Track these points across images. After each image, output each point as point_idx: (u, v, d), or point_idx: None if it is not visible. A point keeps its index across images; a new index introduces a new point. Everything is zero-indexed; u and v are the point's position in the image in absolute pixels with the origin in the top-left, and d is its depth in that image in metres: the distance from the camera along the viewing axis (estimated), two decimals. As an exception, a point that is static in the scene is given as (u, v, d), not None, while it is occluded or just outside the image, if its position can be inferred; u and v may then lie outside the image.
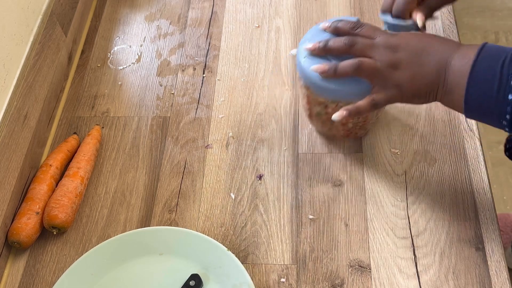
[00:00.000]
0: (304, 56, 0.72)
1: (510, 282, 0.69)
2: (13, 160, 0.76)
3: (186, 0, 1.03)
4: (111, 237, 0.74)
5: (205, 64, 0.94)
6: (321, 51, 0.71)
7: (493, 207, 0.74)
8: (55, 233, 0.76)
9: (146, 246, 0.73)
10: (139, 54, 0.97)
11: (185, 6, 1.02)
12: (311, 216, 0.76)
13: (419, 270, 0.70)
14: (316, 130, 0.83)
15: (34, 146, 0.82)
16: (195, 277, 0.70)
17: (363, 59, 0.67)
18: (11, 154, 0.76)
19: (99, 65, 0.96)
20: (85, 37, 1.00)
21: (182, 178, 0.81)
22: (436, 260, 0.71)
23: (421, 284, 0.69)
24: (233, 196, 0.78)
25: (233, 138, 0.84)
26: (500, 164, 1.63)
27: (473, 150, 0.79)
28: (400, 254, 0.72)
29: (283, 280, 0.71)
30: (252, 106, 0.88)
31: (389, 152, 0.81)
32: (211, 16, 1.00)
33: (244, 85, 0.90)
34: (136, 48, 0.98)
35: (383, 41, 0.67)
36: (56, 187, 0.79)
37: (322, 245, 0.73)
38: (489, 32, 1.96)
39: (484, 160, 0.79)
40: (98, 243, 0.74)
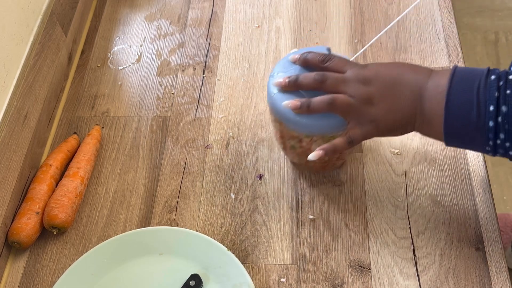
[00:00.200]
0: (275, 90, 0.70)
1: (510, 282, 0.69)
2: (13, 160, 0.76)
3: (186, 0, 1.03)
4: (111, 237, 0.74)
5: (205, 64, 0.94)
6: (292, 87, 0.68)
7: (493, 207, 0.74)
8: (55, 233, 0.76)
9: (146, 246, 0.73)
10: (139, 54, 0.97)
11: (185, 6, 1.02)
12: (311, 216, 0.76)
13: (419, 270, 0.70)
14: (291, 162, 0.81)
15: (34, 146, 0.82)
16: (195, 277, 0.70)
17: (336, 96, 0.65)
18: (11, 154, 0.76)
19: (99, 65, 0.96)
20: (85, 37, 1.00)
21: (182, 178, 0.81)
22: (436, 260, 0.71)
23: (421, 284, 0.69)
24: (233, 196, 0.78)
25: (233, 138, 0.84)
26: (500, 164, 1.63)
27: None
28: (400, 254, 0.72)
29: (283, 280, 0.71)
30: (252, 106, 0.88)
31: (389, 152, 0.81)
32: (211, 16, 1.00)
33: (244, 85, 0.90)
34: (136, 48, 0.98)
35: (354, 75, 0.65)
36: (56, 187, 0.79)
37: (322, 245, 0.73)
38: (489, 32, 1.96)
39: (484, 160, 0.79)
40: (98, 243, 0.74)
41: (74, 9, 0.97)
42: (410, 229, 0.73)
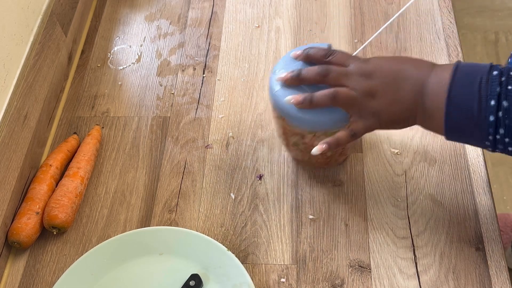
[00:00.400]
0: (277, 87, 0.70)
1: (510, 282, 0.69)
2: (13, 160, 0.76)
3: (186, 0, 1.03)
4: (111, 237, 0.74)
5: (205, 64, 0.94)
6: (294, 81, 0.69)
7: (493, 207, 0.74)
8: (55, 233, 0.76)
9: (146, 246, 0.73)
10: (139, 54, 0.97)
11: (185, 6, 1.02)
12: (311, 216, 0.76)
13: (419, 270, 0.70)
14: (294, 160, 0.81)
15: (34, 146, 0.82)
16: (195, 277, 0.70)
17: (339, 89, 0.66)
18: (11, 154, 0.76)
19: (99, 65, 0.96)
20: (85, 37, 1.00)
21: (182, 178, 0.81)
22: (436, 260, 0.71)
23: (421, 284, 0.69)
24: (233, 196, 0.78)
25: (233, 138, 0.84)
26: (500, 164, 1.63)
27: (473, 150, 0.79)
28: (400, 254, 0.72)
29: (283, 280, 0.71)
30: (252, 106, 0.88)
31: (389, 152, 0.81)
32: (211, 16, 1.00)
33: (244, 85, 0.90)
34: (136, 48, 0.98)
35: (357, 69, 0.66)
36: (56, 187, 0.79)
37: (322, 245, 0.73)
38: (489, 32, 1.96)
39: (484, 160, 0.79)
40: (98, 243, 0.74)
41: (74, 9, 0.97)
42: (410, 229, 0.73)
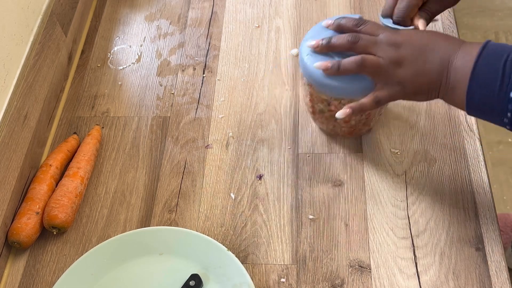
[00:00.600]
0: (307, 54, 0.72)
1: (510, 282, 0.69)
2: (13, 160, 0.76)
3: (186, 0, 1.03)
4: (111, 237, 0.74)
5: (205, 64, 0.94)
6: (324, 48, 0.71)
7: (493, 207, 0.74)
8: (55, 233, 0.76)
9: (146, 246, 0.73)
10: (139, 54, 0.97)
11: (185, 6, 1.02)
12: (311, 216, 0.76)
13: (419, 270, 0.70)
14: (319, 128, 0.83)
15: (34, 146, 0.82)
16: (195, 277, 0.70)
17: (366, 56, 0.67)
18: (11, 154, 0.76)
19: (99, 65, 0.96)
20: (85, 37, 1.00)
21: (182, 178, 0.81)
22: (436, 260, 0.71)
23: (421, 284, 0.69)
24: (233, 196, 0.78)
25: (233, 138, 0.84)
26: (500, 164, 1.63)
27: (473, 150, 0.79)
28: (400, 254, 0.72)
29: (283, 280, 0.71)
30: (252, 106, 0.88)
31: (389, 152, 0.81)
32: (211, 16, 1.00)
33: (244, 85, 0.90)
34: (136, 48, 0.98)
35: (386, 38, 0.67)
36: (56, 187, 0.79)
37: (322, 245, 0.73)
38: (489, 32, 1.96)
39: (484, 160, 0.79)
40: (98, 243, 0.74)
41: (74, 9, 0.97)
42: (410, 229, 0.73)
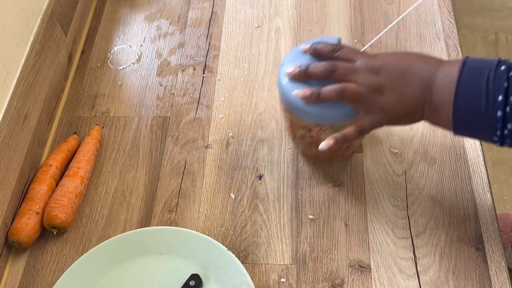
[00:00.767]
0: (285, 80, 0.71)
1: (510, 282, 0.69)
2: (13, 160, 0.76)
3: (186, 0, 1.03)
4: (111, 237, 0.74)
5: (205, 64, 0.94)
6: (302, 76, 0.69)
7: (493, 207, 0.74)
8: (55, 233, 0.76)
9: (146, 246, 0.73)
10: (139, 54, 0.97)
11: (185, 6, 1.02)
12: (311, 216, 0.76)
13: (419, 270, 0.70)
14: (300, 153, 0.81)
15: (34, 146, 0.82)
16: (195, 277, 0.70)
17: (346, 85, 0.66)
18: (11, 154, 0.76)
19: (99, 65, 0.96)
20: (85, 37, 1.00)
21: (182, 178, 0.81)
22: (436, 260, 0.71)
23: (421, 284, 0.69)
24: (233, 196, 0.78)
25: (233, 138, 0.84)
26: (500, 164, 1.63)
27: (473, 150, 0.79)
28: (400, 254, 0.72)
29: (283, 280, 0.71)
30: (252, 106, 0.88)
31: (389, 152, 0.81)
32: (211, 16, 1.00)
33: (244, 85, 0.90)
34: (136, 48, 0.98)
35: (364, 65, 0.66)
36: (56, 187, 0.79)
37: (322, 245, 0.73)
38: (489, 32, 1.96)
39: (484, 160, 0.79)
40: (98, 243, 0.74)
41: (74, 9, 0.97)
42: (410, 229, 0.73)
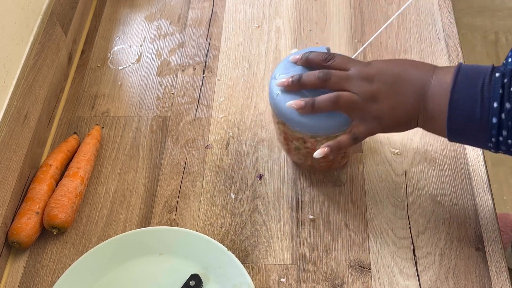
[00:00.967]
0: (277, 92, 0.70)
1: (510, 282, 0.69)
2: (13, 160, 0.76)
3: (186, 0, 1.03)
4: (111, 237, 0.74)
5: (205, 64, 0.94)
6: (295, 87, 0.68)
7: (493, 207, 0.74)
8: (55, 233, 0.76)
9: (146, 246, 0.73)
10: (139, 54, 0.97)
11: (185, 6, 1.02)
12: (311, 216, 0.76)
13: (419, 270, 0.70)
14: (295, 164, 0.81)
15: (34, 146, 0.82)
16: (195, 277, 0.70)
17: (341, 93, 0.66)
18: (11, 154, 0.76)
19: (99, 65, 0.96)
20: (85, 37, 1.00)
21: (182, 178, 0.81)
22: (436, 260, 0.71)
23: (421, 284, 0.69)
24: (233, 196, 0.78)
25: (233, 138, 0.84)
26: (500, 164, 1.63)
27: (473, 150, 0.79)
28: (400, 254, 0.72)
29: (283, 280, 0.71)
30: (252, 106, 0.88)
31: (389, 152, 0.81)
32: (211, 16, 1.00)
33: (244, 85, 0.90)
34: (136, 48, 0.98)
35: (358, 73, 0.66)
36: (56, 187, 0.79)
37: (322, 245, 0.73)
38: (489, 32, 1.96)
39: (484, 160, 0.79)
40: (98, 243, 0.74)
41: (74, 9, 0.97)
42: (410, 229, 0.73)
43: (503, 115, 0.57)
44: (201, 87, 0.91)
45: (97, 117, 0.89)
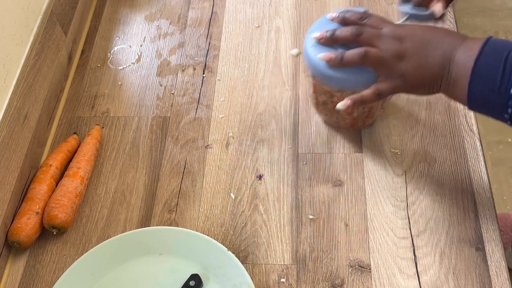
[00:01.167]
0: (311, 45, 0.73)
1: (510, 282, 0.69)
2: (13, 160, 0.76)
3: (186, 0, 1.03)
4: (111, 237, 0.74)
5: (205, 64, 0.94)
6: (328, 40, 0.72)
7: (493, 207, 0.74)
8: (55, 233, 0.76)
9: (146, 246, 0.73)
10: (139, 54, 0.97)
11: (185, 6, 1.02)
12: (311, 216, 0.76)
13: (419, 270, 0.70)
14: (322, 120, 0.84)
15: (34, 146, 0.82)
16: (195, 277, 0.70)
17: (369, 49, 0.68)
18: (11, 154, 0.76)
19: (99, 65, 0.96)
20: (85, 37, 1.00)
21: (182, 178, 0.81)
22: (436, 260, 0.71)
23: (421, 284, 0.69)
24: (233, 196, 0.78)
25: (233, 138, 0.84)
26: (500, 164, 1.63)
27: (473, 150, 0.79)
28: (400, 254, 0.72)
29: (283, 280, 0.71)
30: (252, 106, 0.88)
31: (389, 152, 0.81)
32: (211, 16, 1.00)
33: (244, 85, 0.90)
34: (136, 48, 0.98)
35: (390, 32, 0.68)
36: (56, 187, 0.79)
37: (322, 245, 0.73)
38: (489, 32, 1.96)
39: (484, 160, 0.79)
40: (98, 243, 0.74)
41: (74, 9, 0.97)
42: (410, 229, 0.73)
43: None
44: (201, 87, 0.91)
45: (97, 117, 0.89)
